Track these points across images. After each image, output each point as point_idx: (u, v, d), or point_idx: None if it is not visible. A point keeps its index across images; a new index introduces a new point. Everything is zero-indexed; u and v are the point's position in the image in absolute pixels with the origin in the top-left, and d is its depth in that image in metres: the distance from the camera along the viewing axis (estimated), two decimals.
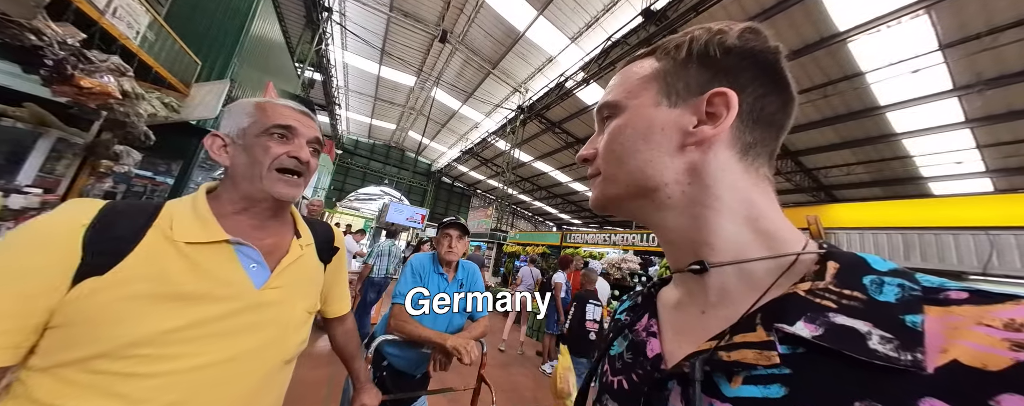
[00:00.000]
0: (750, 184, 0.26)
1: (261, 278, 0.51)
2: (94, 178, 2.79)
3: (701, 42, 0.27)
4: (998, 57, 4.93)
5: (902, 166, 8.10)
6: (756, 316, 0.22)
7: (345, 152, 16.31)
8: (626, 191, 0.29)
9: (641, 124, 0.28)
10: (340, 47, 9.63)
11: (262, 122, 0.51)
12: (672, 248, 0.29)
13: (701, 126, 0.26)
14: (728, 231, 0.26)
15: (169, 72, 3.23)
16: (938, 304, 0.18)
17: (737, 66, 0.26)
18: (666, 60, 0.28)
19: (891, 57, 5.32)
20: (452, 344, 1.06)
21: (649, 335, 0.30)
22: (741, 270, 0.25)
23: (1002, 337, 0.16)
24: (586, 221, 21.40)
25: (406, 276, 1.28)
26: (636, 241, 6.59)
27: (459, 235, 1.34)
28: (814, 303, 0.20)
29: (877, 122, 6.84)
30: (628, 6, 6.08)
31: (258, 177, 0.50)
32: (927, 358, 0.16)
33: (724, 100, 0.25)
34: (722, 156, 0.26)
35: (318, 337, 3.48)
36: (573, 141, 11.01)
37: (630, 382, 0.28)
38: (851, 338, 0.18)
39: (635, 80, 0.30)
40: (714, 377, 0.22)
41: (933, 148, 7.26)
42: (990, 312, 0.17)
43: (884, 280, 0.20)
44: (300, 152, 0.53)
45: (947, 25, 4.71)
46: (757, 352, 0.20)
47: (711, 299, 0.26)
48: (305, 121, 0.55)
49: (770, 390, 0.19)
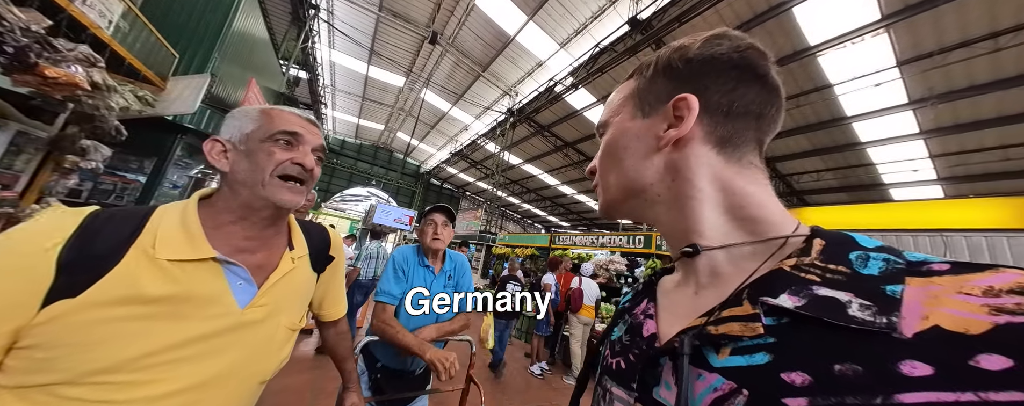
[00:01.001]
0: (733, 174, 0.28)
1: (247, 296, 0.49)
2: (58, 174, 2.63)
3: (664, 58, 0.30)
4: (947, 74, 5.39)
5: (866, 173, 8.66)
6: (744, 292, 0.23)
7: (331, 152, 15.92)
8: (619, 195, 0.32)
9: (621, 136, 0.32)
10: (327, 45, 9.45)
11: (267, 128, 0.50)
12: (670, 238, 0.31)
13: (669, 129, 0.29)
14: (711, 220, 0.27)
15: (144, 64, 3.09)
16: (920, 275, 0.19)
17: (698, 72, 0.29)
18: (639, 78, 0.32)
19: (856, 71, 5.72)
20: (430, 358, 1.00)
21: (646, 317, 0.31)
22: (730, 253, 0.27)
23: (981, 303, 0.16)
24: (574, 223, 21.64)
25: (388, 272, 1.19)
26: (623, 243, 6.74)
27: (445, 221, 1.25)
28: (798, 277, 0.21)
29: (844, 131, 7.30)
30: (615, 15, 6.27)
31: (260, 184, 0.48)
32: (906, 323, 0.17)
33: (685, 103, 0.28)
34: (698, 151, 0.28)
35: (300, 341, 3.39)
36: (562, 145, 11.17)
37: (627, 362, 0.30)
38: (831, 307, 0.19)
39: (617, 100, 0.34)
40: (703, 350, 0.23)
41: (893, 157, 7.82)
42: (970, 280, 0.18)
43: (870, 255, 0.21)
44: (305, 159, 0.51)
45: (903, 44, 5.11)
46: (743, 324, 0.21)
47: (702, 280, 0.28)
48: (311, 129, 0.54)
49: (754, 358, 0.20)
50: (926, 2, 4.45)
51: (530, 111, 9.23)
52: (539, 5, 6.44)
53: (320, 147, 0.56)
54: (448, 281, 1.26)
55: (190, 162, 4.25)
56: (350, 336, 0.85)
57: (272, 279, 0.52)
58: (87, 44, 2.33)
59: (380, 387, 1.14)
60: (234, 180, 0.49)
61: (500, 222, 16.97)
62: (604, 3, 6.21)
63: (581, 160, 11.74)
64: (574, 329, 3.63)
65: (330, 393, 2.36)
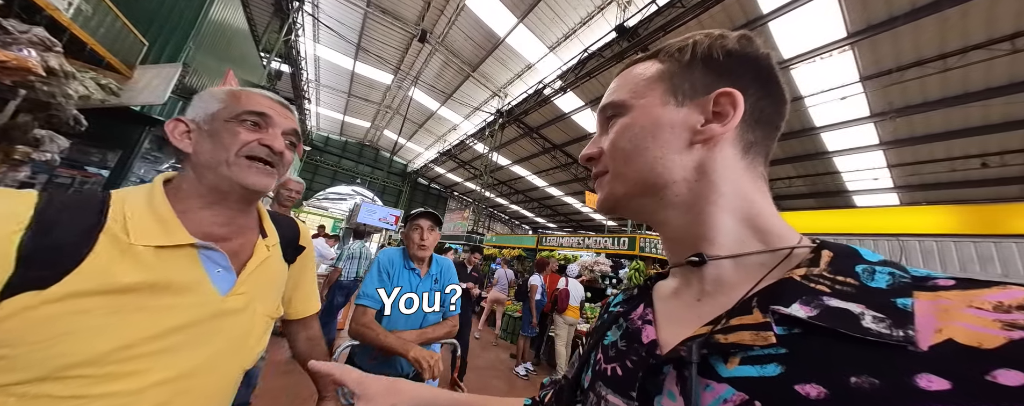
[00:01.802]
0: (749, 181, 0.27)
1: (226, 284, 0.47)
2: (6, 166, 2.44)
3: (704, 45, 0.28)
4: (903, 90, 5.85)
5: (832, 180, 9.24)
6: (752, 300, 0.22)
7: (314, 149, 15.42)
8: (634, 189, 0.29)
9: (649, 122, 0.28)
10: (312, 39, 9.17)
11: (233, 107, 0.47)
12: (673, 244, 0.30)
13: (709, 124, 0.27)
14: (728, 227, 0.27)
15: (109, 51, 2.90)
16: (927, 289, 0.19)
17: (738, 69, 0.27)
18: (670, 62, 0.29)
19: (824, 84, 6.10)
20: (414, 356, 0.98)
21: (644, 323, 0.30)
22: (737, 262, 0.26)
23: (993, 318, 0.16)
24: (561, 225, 21.88)
25: (372, 275, 1.17)
26: (608, 245, 6.88)
27: (431, 226, 1.24)
28: (809, 287, 0.21)
29: (813, 140, 7.77)
30: (603, 21, 6.42)
31: (224, 164, 0.46)
32: (920, 336, 0.17)
33: (730, 100, 0.26)
34: (727, 154, 0.27)
35: (277, 344, 3.28)
36: (550, 147, 11.29)
37: (624, 369, 0.28)
38: (845, 318, 0.19)
39: (640, 81, 0.30)
40: (710, 360, 0.22)
41: (856, 166, 8.39)
42: (979, 296, 0.18)
43: (876, 269, 0.21)
44: (273, 141, 0.49)
45: (866, 60, 5.50)
46: (754, 333, 0.20)
47: (707, 288, 0.27)
48: (281, 111, 0.52)
49: (766, 369, 0.20)
50: (886, 23, 4.82)
51: (519, 113, 9.28)
52: (529, 8, 6.51)
53: (292, 131, 0.52)
54: (434, 284, 1.26)
55: (160, 156, 4.03)
56: (323, 340, 0.79)
57: (250, 266, 0.51)
58: (43, 26, 2.17)
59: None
60: (198, 163, 0.47)
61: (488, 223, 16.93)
62: (593, 10, 6.34)
63: (569, 163, 11.90)
64: (559, 329, 3.68)
65: (306, 398, 2.30)
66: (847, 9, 4.82)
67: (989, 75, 5.27)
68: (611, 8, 6.16)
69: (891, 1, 4.64)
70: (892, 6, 4.68)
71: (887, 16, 4.78)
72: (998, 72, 5.18)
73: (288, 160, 0.52)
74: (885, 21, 4.81)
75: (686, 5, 5.20)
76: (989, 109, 5.86)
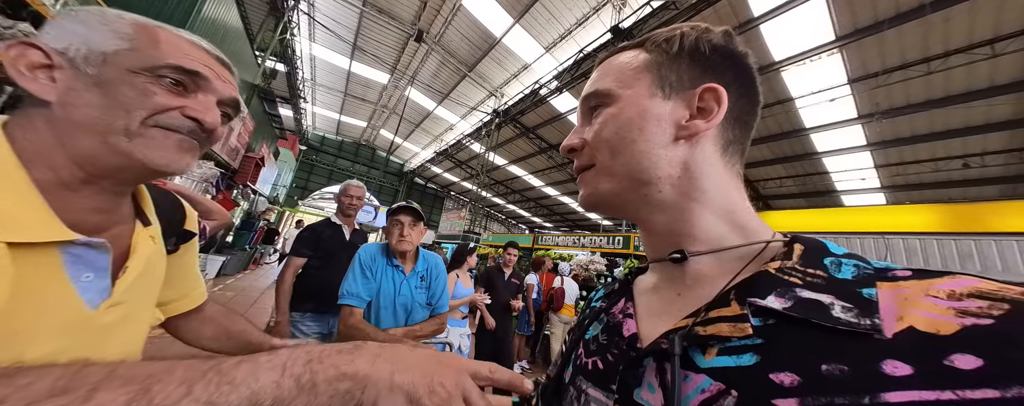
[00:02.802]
0: (728, 179, 0.28)
1: (98, 293, 0.34)
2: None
3: (692, 38, 0.28)
4: (889, 93, 6.01)
5: (822, 181, 9.45)
6: (730, 293, 0.23)
7: (310, 148, 15.30)
8: (620, 186, 0.28)
9: (635, 113, 0.28)
10: (307, 38, 9.11)
11: (148, 55, 0.32)
12: (654, 240, 0.30)
13: (694, 120, 0.27)
14: (709, 223, 0.27)
15: None
16: (888, 280, 0.20)
17: (722, 65, 0.27)
18: (657, 52, 0.28)
19: (813, 86, 6.24)
20: None
21: (625, 317, 0.30)
22: (716, 257, 0.27)
23: (947, 306, 0.18)
24: (557, 224, 21.97)
25: (354, 272, 1.10)
26: (603, 244, 6.97)
27: (412, 221, 1.16)
28: (783, 279, 0.22)
29: (803, 142, 7.93)
30: (599, 23, 6.49)
31: (121, 132, 0.31)
32: (885, 324, 0.18)
33: (714, 95, 0.26)
34: (708, 151, 0.27)
35: None
36: (546, 147, 11.34)
37: (605, 362, 0.28)
38: (817, 308, 0.20)
39: (627, 70, 0.29)
40: (689, 351, 0.23)
41: (844, 166, 8.58)
42: (934, 285, 0.19)
43: (842, 261, 0.22)
44: (205, 114, 0.35)
45: (854, 64, 5.65)
46: (731, 325, 0.21)
47: (687, 282, 0.28)
48: (221, 72, 0.38)
49: (742, 359, 0.20)
50: (872, 27, 4.95)
51: (515, 113, 9.32)
52: (525, 8, 6.55)
53: (231, 101, 0.39)
54: (420, 283, 1.19)
55: None
56: (231, 310, 0.63)
57: (132, 267, 0.38)
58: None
59: None
60: (67, 120, 0.31)
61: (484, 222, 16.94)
62: (588, 11, 6.41)
63: (565, 162, 11.96)
64: (555, 328, 3.73)
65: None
66: (835, 13, 4.94)
67: (970, 78, 5.44)
68: (606, 9, 6.23)
69: (877, 6, 4.77)
70: (878, 11, 4.81)
71: (873, 20, 4.91)
72: (979, 75, 5.36)
73: (218, 137, 0.38)
74: (871, 25, 4.94)
75: (680, 7, 5.28)
76: (970, 111, 6.04)
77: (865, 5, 4.79)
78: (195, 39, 0.37)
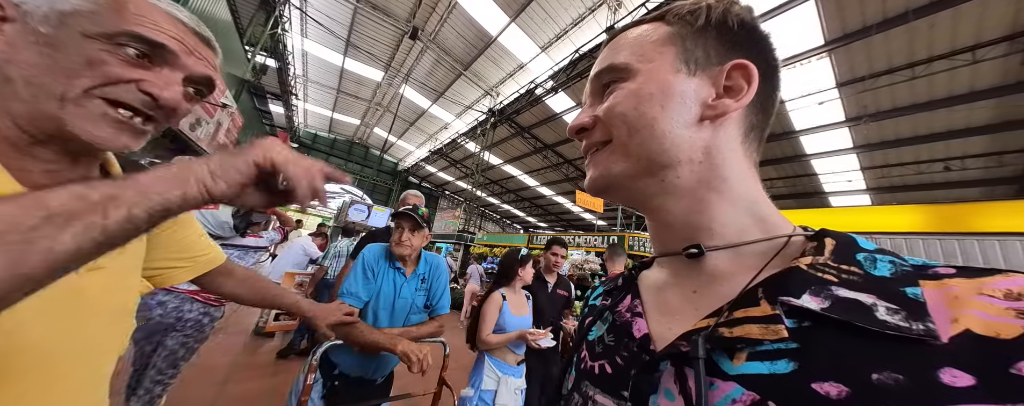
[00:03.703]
0: (748, 167, 0.26)
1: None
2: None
3: (719, 10, 0.25)
4: (875, 97, 6.16)
5: (810, 182, 9.65)
6: (758, 291, 0.21)
7: (301, 146, 15.04)
8: (636, 167, 0.26)
9: (658, 89, 0.25)
10: (299, 34, 8.94)
11: (107, 19, 0.30)
12: (666, 231, 0.28)
13: (721, 99, 0.25)
14: (730, 216, 0.25)
15: None
16: (931, 278, 0.18)
17: (749, 42, 0.25)
18: (681, 25, 0.26)
19: (803, 89, 6.36)
20: (402, 350, 0.95)
21: (634, 315, 0.28)
22: (736, 251, 0.25)
23: (1006, 306, 0.16)
24: (552, 224, 22.04)
25: (356, 272, 1.12)
26: (597, 243, 6.98)
27: (411, 227, 1.19)
28: (817, 277, 0.20)
29: (793, 144, 8.08)
30: (594, 23, 6.51)
31: (53, 98, 0.29)
32: (939, 328, 0.16)
33: (744, 73, 0.24)
34: (732, 135, 0.25)
35: (260, 345, 3.18)
36: (542, 147, 11.35)
37: (614, 366, 0.26)
38: (859, 309, 0.18)
39: (647, 43, 0.27)
40: (713, 355, 0.20)
41: (832, 168, 8.78)
42: (987, 283, 0.17)
43: (876, 257, 0.20)
44: (163, 91, 0.32)
45: (842, 68, 5.78)
46: (763, 327, 0.19)
47: (703, 278, 0.25)
48: (194, 44, 0.35)
49: (777, 366, 0.18)
50: (860, 31, 5.07)
51: (511, 112, 9.30)
52: (521, 8, 6.53)
53: (202, 78, 0.36)
54: (421, 284, 1.21)
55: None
56: (259, 274, 0.76)
57: None
58: None
59: (336, 396, 1.07)
60: (3, 76, 0.29)
61: (479, 222, 16.88)
62: (584, 11, 6.43)
63: (560, 163, 11.99)
64: None
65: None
66: (825, 17, 5.05)
67: (952, 83, 5.61)
68: (602, 10, 6.25)
69: (865, 11, 4.88)
70: (866, 16, 4.93)
71: (861, 25, 5.03)
72: (960, 81, 5.53)
73: (180, 114, 0.35)
74: (859, 30, 5.06)
75: None
76: (952, 116, 6.24)
77: (853, 10, 4.90)
78: (172, 10, 0.34)
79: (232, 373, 2.50)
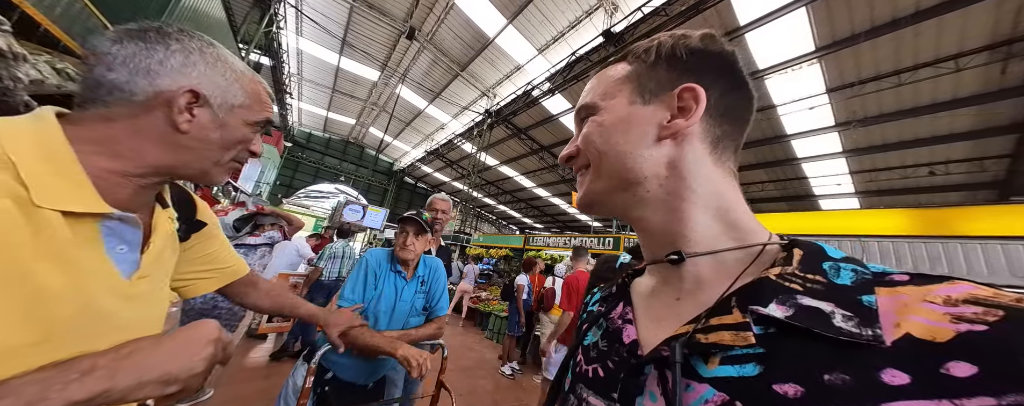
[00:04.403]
0: (720, 177, 0.28)
1: (129, 265, 0.39)
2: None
3: (668, 45, 0.29)
4: (863, 102, 6.32)
5: (801, 185, 9.84)
6: (731, 300, 0.23)
7: (296, 146, 14.85)
8: (610, 185, 0.30)
9: (618, 120, 0.29)
10: (294, 32, 8.85)
11: (257, 111, 0.44)
12: (650, 240, 0.30)
13: (675, 120, 0.27)
14: (702, 223, 0.27)
15: (65, 33, 2.68)
16: (886, 285, 0.20)
17: (701, 65, 0.28)
18: (637, 63, 0.30)
19: (794, 94, 6.50)
20: (402, 354, 0.96)
21: (625, 322, 0.30)
22: (715, 259, 0.26)
23: (943, 311, 0.17)
24: (548, 225, 22.07)
25: (358, 277, 1.14)
26: (593, 245, 7.02)
27: (416, 232, 1.21)
28: (784, 286, 0.21)
29: (784, 148, 8.24)
30: (591, 26, 6.57)
31: (214, 163, 0.42)
32: (885, 332, 0.18)
33: (693, 94, 0.27)
34: (697, 149, 0.27)
35: (250, 348, 3.14)
36: (538, 148, 11.39)
37: (606, 369, 0.28)
38: (818, 317, 0.19)
39: (610, 82, 0.31)
40: (691, 360, 0.22)
41: (822, 172, 8.97)
42: (932, 291, 0.19)
43: (840, 265, 0.22)
44: (257, 147, 0.47)
45: (831, 74, 5.91)
46: (734, 333, 0.21)
47: (686, 286, 0.27)
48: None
49: (745, 369, 0.20)
50: (849, 39, 5.20)
51: (507, 113, 9.31)
52: (519, 9, 6.56)
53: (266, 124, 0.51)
54: (420, 287, 1.23)
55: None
56: (281, 288, 0.79)
57: (156, 242, 0.43)
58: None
59: (327, 401, 1.07)
60: (180, 145, 0.38)
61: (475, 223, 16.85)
62: (580, 14, 6.48)
63: (556, 164, 12.03)
64: (545, 328, 3.72)
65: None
66: (816, 24, 5.16)
67: (936, 91, 5.79)
68: (598, 14, 6.31)
69: (853, 19, 5.01)
70: (854, 23, 5.06)
71: (850, 32, 5.16)
72: (944, 88, 5.70)
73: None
74: (848, 37, 5.19)
75: (669, 14, 5.41)
76: (936, 122, 6.42)
77: (843, 17, 5.03)
78: (269, 90, 0.47)
79: (225, 375, 2.46)
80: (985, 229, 3.63)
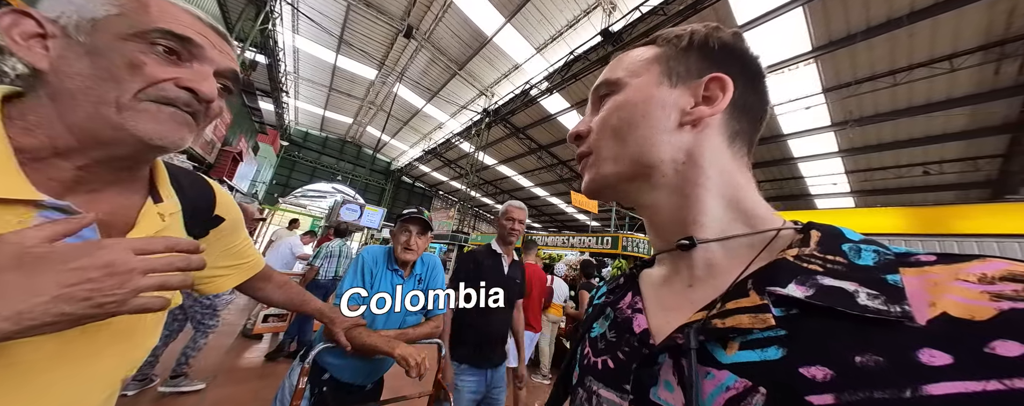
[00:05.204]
0: (735, 168, 0.28)
1: None
2: None
3: (701, 34, 0.29)
4: (859, 102, 6.37)
5: (797, 185, 9.91)
6: (747, 282, 0.22)
7: (292, 144, 14.74)
8: (623, 169, 0.29)
9: (641, 100, 0.29)
10: (290, 30, 8.77)
11: (136, 20, 0.32)
12: (660, 228, 0.30)
13: (698, 107, 0.27)
14: (715, 209, 0.27)
15: None
16: (912, 265, 0.19)
17: (729, 60, 0.29)
18: (668, 47, 0.30)
19: (791, 94, 6.53)
20: (400, 353, 0.94)
21: (634, 312, 0.29)
22: (727, 245, 0.26)
23: (980, 290, 0.16)
24: (546, 225, 22.10)
25: (353, 274, 1.12)
26: (591, 244, 7.02)
27: (420, 230, 1.19)
28: (802, 267, 0.21)
29: (781, 147, 8.29)
30: (589, 25, 6.56)
31: (112, 104, 0.31)
32: (916, 311, 0.17)
33: (720, 84, 0.27)
34: (714, 139, 0.28)
35: (245, 348, 3.10)
36: (536, 147, 11.38)
37: (616, 360, 0.27)
38: (841, 296, 0.18)
39: (637, 61, 0.31)
40: (708, 346, 0.21)
41: (818, 171, 9.03)
42: (963, 269, 0.18)
43: (860, 247, 0.21)
44: (201, 84, 0.34)
45: (828, 74, 5.95)
46: (752, 316, 0.20)
47: (698, 273, 0.27)
48: (216, 40, 0.37)
49: (767, 353, 0.19)
50: (845, 39, 5.23)
51: (506, 112, 9.29)
52: (517, 8, 6.54)
53: (228, 72, 0.38)
54: (418, 285, 1.22)
55: None
56: (292, 281, 0.78)
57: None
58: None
59: (326, 402, 1.05)
60: (61, 89, 0.30)
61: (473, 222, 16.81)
62: (579, 13, 6.47)
63: (554, 164, 12.04)
64: (543, 327, 3.71)
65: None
66: (812, 24, 5.19)
67: (930, 91, 5.84)
68: (597, 12, 6.30)
69: (850, 19, 5.04)
70: (850, 23, 5.09)
71: (846, 32, 5.19)
72: (938, 88, 5.75)
73: (216, 112, 0.37)
74: (845, 37, 5.22)
75: (667, 14, 5.41)
76: (930, 122, 6.48)
77: (839, 17, 5.06)
78: (187, 6, 0.36)
79: (220, 375, 2.42)
80: (981, 227, 3.67)
